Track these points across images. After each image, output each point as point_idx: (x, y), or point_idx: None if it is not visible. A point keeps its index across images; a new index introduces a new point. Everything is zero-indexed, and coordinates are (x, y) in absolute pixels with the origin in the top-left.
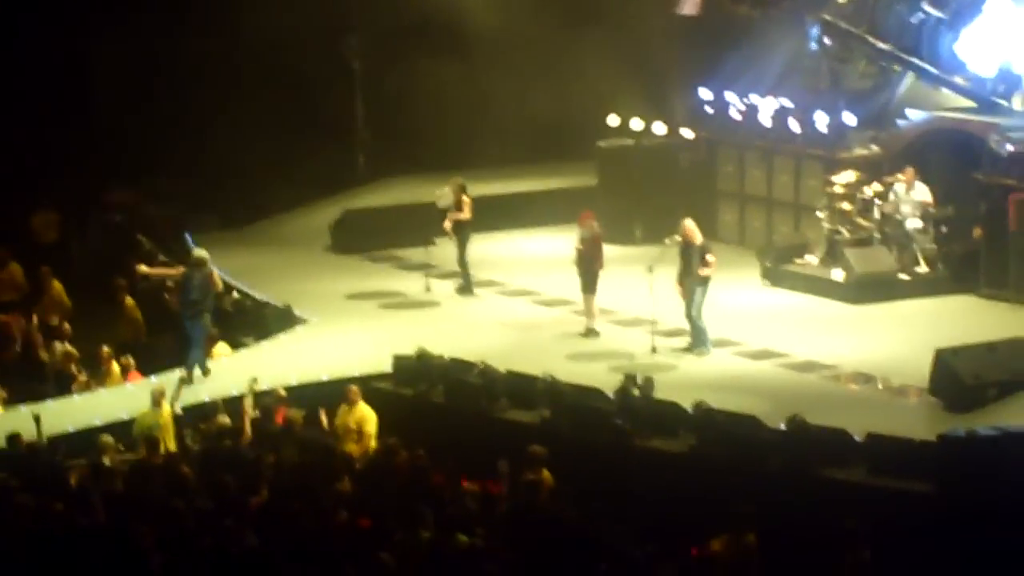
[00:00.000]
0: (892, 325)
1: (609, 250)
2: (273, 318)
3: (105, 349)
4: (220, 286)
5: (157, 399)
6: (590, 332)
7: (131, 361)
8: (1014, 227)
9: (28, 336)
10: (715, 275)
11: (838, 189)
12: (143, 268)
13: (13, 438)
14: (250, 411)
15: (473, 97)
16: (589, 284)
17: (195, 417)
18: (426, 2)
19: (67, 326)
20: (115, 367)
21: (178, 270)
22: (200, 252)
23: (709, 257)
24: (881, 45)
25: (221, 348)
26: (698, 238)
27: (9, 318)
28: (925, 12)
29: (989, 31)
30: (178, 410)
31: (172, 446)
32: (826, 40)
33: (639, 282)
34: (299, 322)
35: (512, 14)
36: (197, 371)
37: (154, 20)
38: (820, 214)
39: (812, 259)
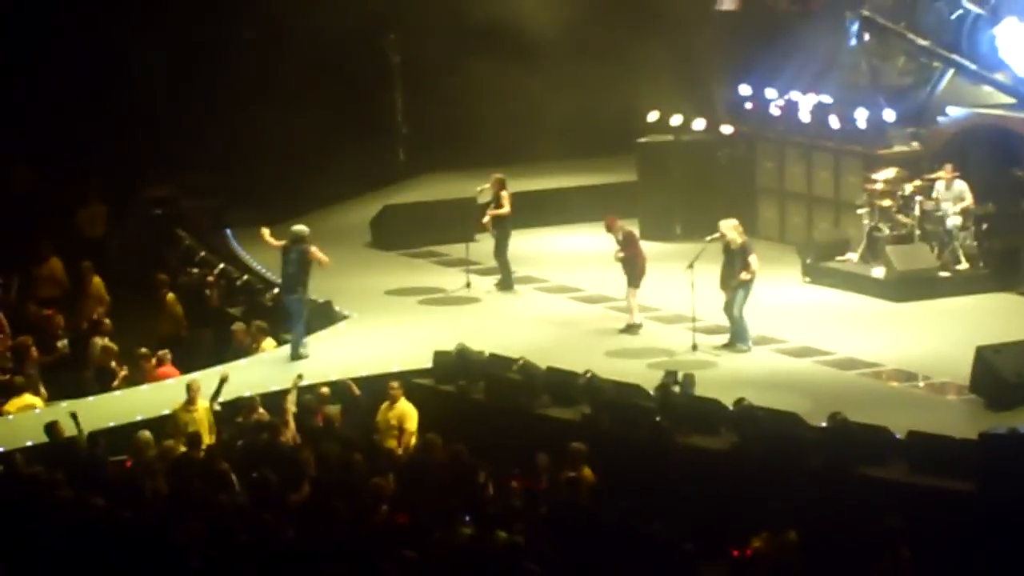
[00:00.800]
0: (933, 322)
1: (649, 247)
2: (314, 314)
3: (143, 350)
4: (325, 261)
5: (193, 395)
6: (631, 327)
7: (167, 355)
8: None
9: (72, 331)
10: (756, 272)
11: (878, 186)
12: (266, 234)
13: (51, 427)
14: (292, 407)
15: (513, 93)
16: (633, 279)
17: (233, 412)
18: (461, 2)
19: (107, 321)
20: (153, 364)
21: (281, 242)
22: (299, 227)
23: (752, 259)
24: (920, 41)
25: (268, 343)
26: (740, 238)
27: (51, 312)
28: (965, 8)
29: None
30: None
31: (209, 441)
32: (865, 36)
33: (679, 279)
34: (340, 318)
35: (552, 11)
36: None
37: (192, 12)
38: (860, 211)
39: (852, 256)
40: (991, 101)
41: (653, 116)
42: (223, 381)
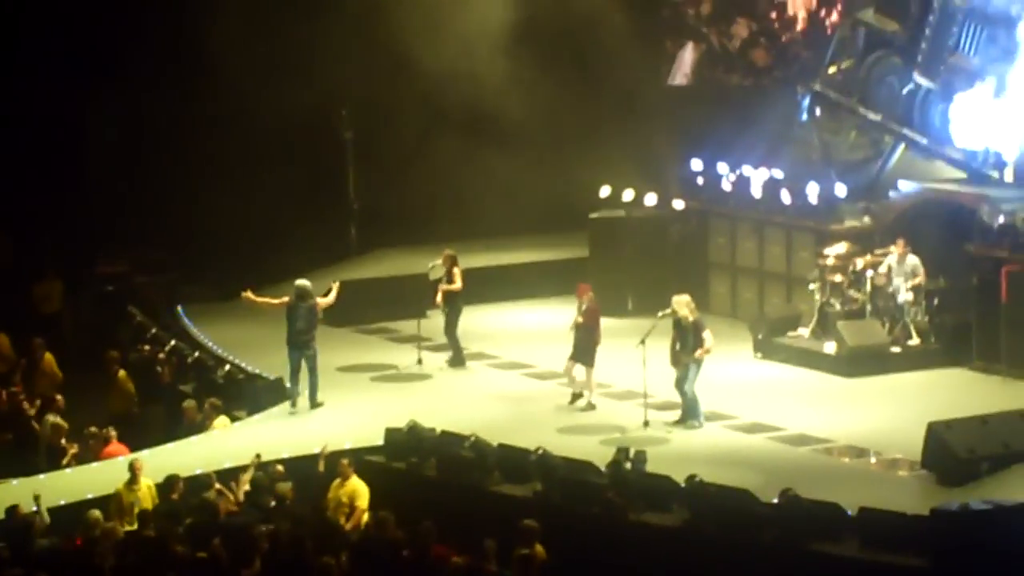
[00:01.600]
0: (884, 398)
1: (601, 322)
2: (265, 391)
3: (92, 429)
4: (331, 302)
5: (136, 473)
6: (588, 405)
7: (112, 433)
8: (1006, 299)
9: (17, 408)
10: (708, 349)
11: (830, 261)
12: (250, 295)
13: (12, 510)
14: (246, 485)
15: (465, 170)
16: (587, 357)
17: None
18: (420, 77)
19: (60, 398)
20: (108, 443)
21: (282, 300)
22: (303, 282)
23: (706, 336)
24: (872, 116)
25: (220, 421)
26: (692, 315)
27: None
28: (916, 82)
29: (980, 104)
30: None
31: (154, 519)
32: (817, 111)
33: (631, 355)
34: (291, 395)
35: (505, 88)
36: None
37: (147, 87)
38: (812, 286)
39: (804, 331)
40: (943, 176)
41: (605, 191)
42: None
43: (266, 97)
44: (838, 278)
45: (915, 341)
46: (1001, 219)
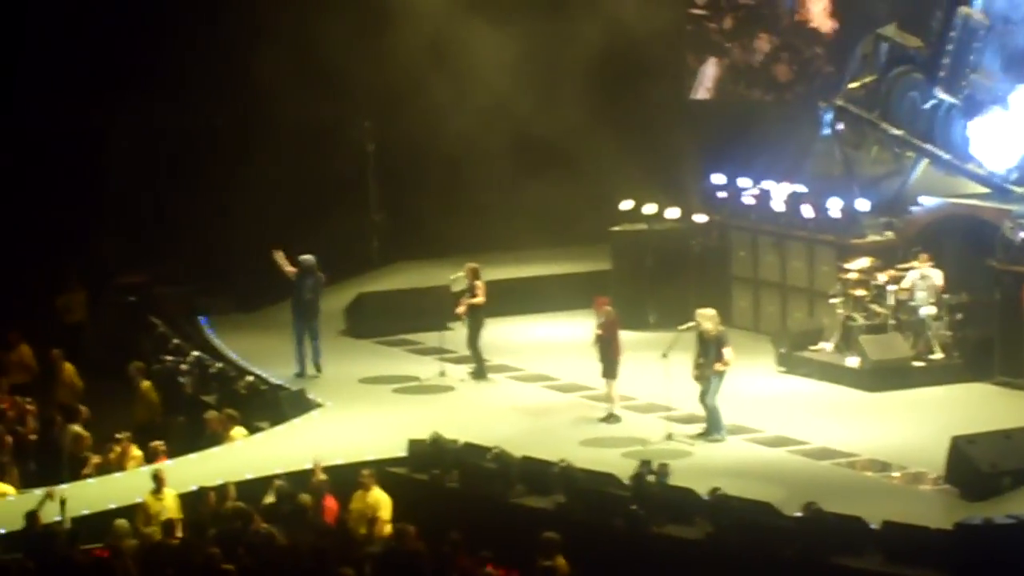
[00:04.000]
0: (907, 412)
1: (623, 335)
2: (287, 402)
3: (122, 435)
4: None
5: (160, 483)
6: (611, 417)
7: (161, 446)
8: None
9: (42, 419)
10: (731, 363)
11: (852, 275)
12: (281, 255)
13: (31, 515)
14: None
15: (488, 182)
16: (609, 369)
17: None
18: (442, 91)
19: (84, 409)
20: (134, 451)
21: (293, 270)
22: (308, 257)
23: (726, 352)
24: (894, 131)
25: (238, 431)
26: (715, 329)
27: (20, 400)
28: (938, 98)
29: (1004, 120)
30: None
31: (179, 529)
32: (839, 125)
33: (653, 368)
34: (313, 406)
35: (528, 103)
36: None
37: (168, 99)
38: (834, 300)
39: (827, 346)
40: (965, 191)
41: (627, 205)
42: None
43: (288, 108)
44: (860, 292)
45: (938, 355)
46: (1023, 234)
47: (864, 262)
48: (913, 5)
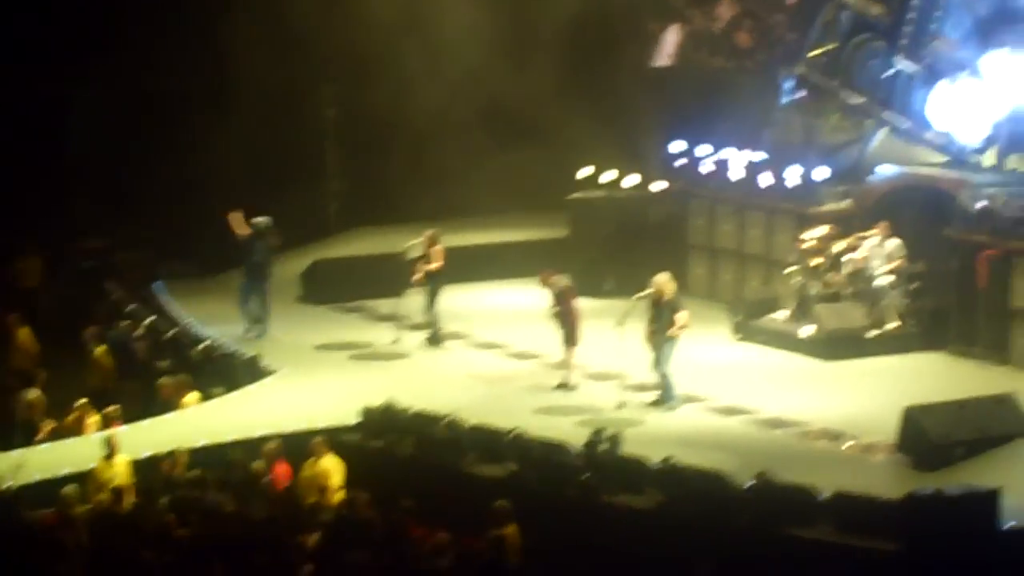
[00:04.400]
0: (862, 382)
1: (580, 303)
2: (241, 369)
3: (81, 400)
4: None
5: (113, 449)
6: (566, 385)
7: (115, 412)
8: (983, 285)
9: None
10: (685, 330)
11: (809, 244)
12: (238, 217)
13: None
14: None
15: (453, 149)
16: (570, 336)
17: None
18: (400, 57)
19: (42, 373)
20: (92, 417)
21: (246, 232)
22: (263, 219)
23: (679, 316)
24: (854, 99)
25: (191, 396)
26: (669, 293)
27: None
28: (899, 66)
29: (962, 88)
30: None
31: (130, 495)
32: (800, 93)
33: (609, 336)
34: (268, 373)
35: (488, 70)
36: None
37: (128, 64)
38: (791, 269)
39: (783, 314)
40: (925, 160)
41: (585, 172)
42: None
43: (255, 73)
44: (817, 261)
45: (893, 325)
46: (981, 204)
47: (821, 231)
48: None
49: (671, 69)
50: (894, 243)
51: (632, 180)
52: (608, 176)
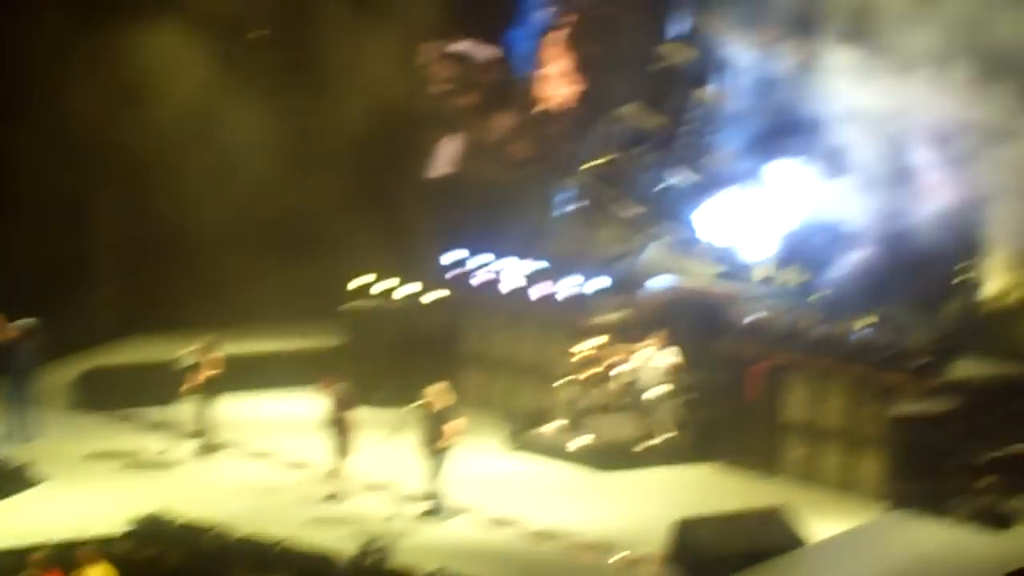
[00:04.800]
0: (634, 493)
1: (355, 412)
2: (7, 478)
3: None
4: None
5: None
6: (335, 496)
7: None
8: (751, 397)
9: None
10: (459, 440)
11: (584, 355)
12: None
13: None
14: None
15: (227, 256)
16: (342, 447)
17: None
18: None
19: None
20: None
21: (7, 334)
22: (30, 321)
23: (448, 427)
24: (630, 210)
25: None
26: (441, 404)
27: None
28: (674, 178)
29: (739, 200)
30: None
31: None
32: (576, 204)
33: (381, 446)
34: (36, 482)
35: (272, 179)
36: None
37: None
38: (564, 380)
39: (556, 425)
40: (700, 271)
41: (359, 282)
42: None
43: (36, 179)
44: (592, 371)
45: (666, 436)
46: (751, 317)
47: (596, 341)
48: (656, 85)
49: (449, 179)
50: (667, 354)
51: (408, 290)
52: (384, 285)
